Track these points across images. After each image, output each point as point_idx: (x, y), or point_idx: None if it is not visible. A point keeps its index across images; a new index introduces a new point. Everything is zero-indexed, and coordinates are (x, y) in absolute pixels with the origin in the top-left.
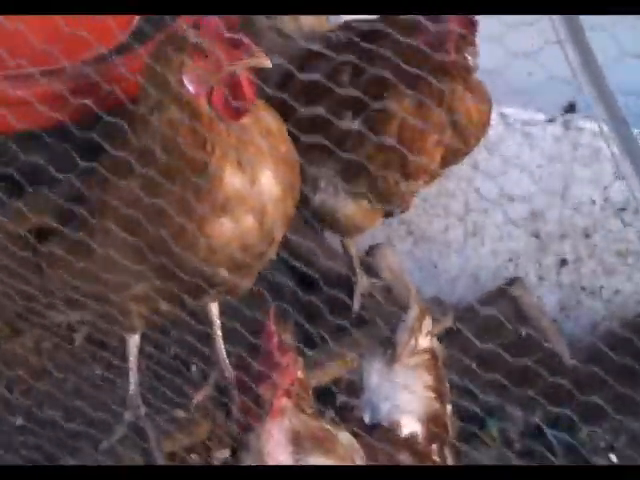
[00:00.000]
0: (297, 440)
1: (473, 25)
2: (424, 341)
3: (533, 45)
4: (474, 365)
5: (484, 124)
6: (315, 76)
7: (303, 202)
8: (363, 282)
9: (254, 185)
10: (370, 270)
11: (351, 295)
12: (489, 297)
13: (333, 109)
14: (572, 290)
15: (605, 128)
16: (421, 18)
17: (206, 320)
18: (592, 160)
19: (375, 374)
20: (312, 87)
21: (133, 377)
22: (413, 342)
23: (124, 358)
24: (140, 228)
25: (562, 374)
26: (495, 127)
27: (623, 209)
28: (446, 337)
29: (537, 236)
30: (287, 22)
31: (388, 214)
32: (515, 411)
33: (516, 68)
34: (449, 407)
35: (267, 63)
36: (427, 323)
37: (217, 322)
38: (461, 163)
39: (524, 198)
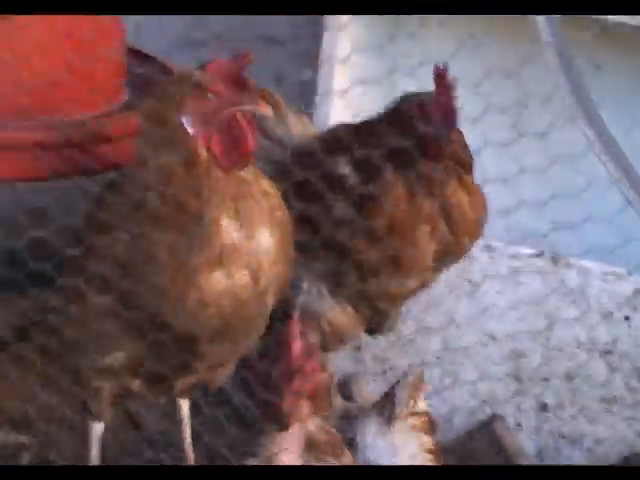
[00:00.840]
0: (311, 446)
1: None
2: (422, 403)
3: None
4: None
5: (477, 225)
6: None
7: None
8: (337, 402)
9: (251, 239)
10: (343, 396)
11: None
12: (469, 433)
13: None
14: (551, 437)
15: None
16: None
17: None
18: (579, 298)
19: (371, 434)
20: (304, 187)
21: None
22: (412, 402)
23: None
24: (123, 284)
25: None
26: (479, 259)
27: (609, 352)
28: None
29: (517, 378)
30: (275, 126)
31: (375, 329)
32: None
33: (505, 201)
34: None
35: (268, 112)
36: (425, 387)
37: (187, 421)
38: (442, 300)
39: (506, 336)
